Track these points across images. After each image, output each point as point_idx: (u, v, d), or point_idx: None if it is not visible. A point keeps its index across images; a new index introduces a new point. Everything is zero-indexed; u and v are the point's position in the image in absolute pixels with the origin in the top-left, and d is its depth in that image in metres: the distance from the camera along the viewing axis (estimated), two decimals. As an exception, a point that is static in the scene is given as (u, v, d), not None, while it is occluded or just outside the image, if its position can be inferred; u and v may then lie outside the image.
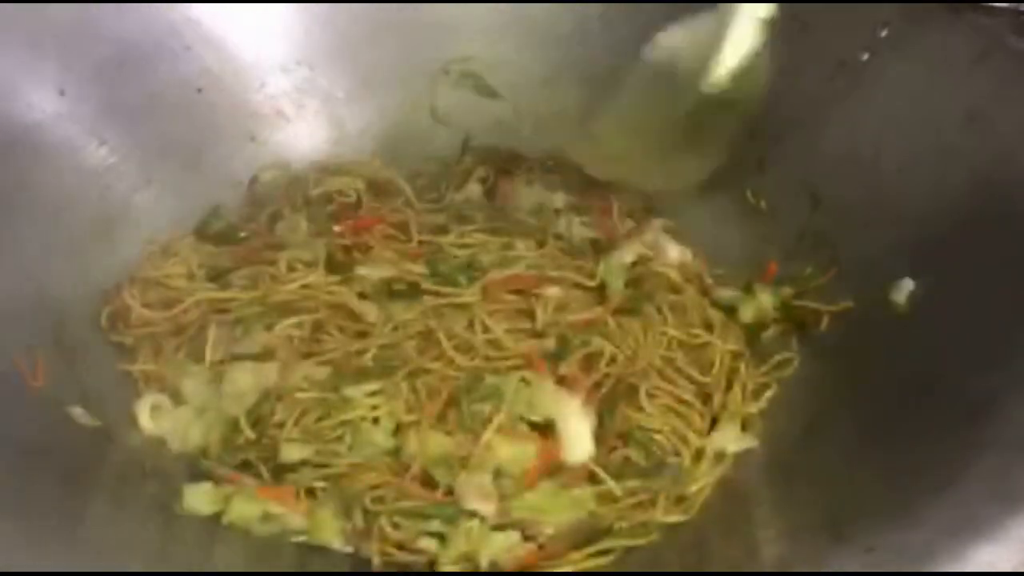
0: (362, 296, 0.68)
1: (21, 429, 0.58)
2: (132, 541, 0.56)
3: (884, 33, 0.71)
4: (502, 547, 0.57)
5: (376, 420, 0.62)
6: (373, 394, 0.62)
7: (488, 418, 0.60)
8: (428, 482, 0.60)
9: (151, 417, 0.64)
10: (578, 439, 0.60)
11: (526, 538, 0.58)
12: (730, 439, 0.62)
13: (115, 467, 0.61)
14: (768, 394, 0.65)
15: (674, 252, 0.74)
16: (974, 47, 0.66)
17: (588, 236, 0.75)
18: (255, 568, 0.58)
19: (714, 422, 0.64)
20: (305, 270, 0.70)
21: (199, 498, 0.59)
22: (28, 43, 0.72)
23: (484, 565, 0.57)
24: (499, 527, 0.58)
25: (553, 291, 0.69)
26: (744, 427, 0.63)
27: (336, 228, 0.74)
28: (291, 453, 0.61)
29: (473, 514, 0.58)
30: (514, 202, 0.78)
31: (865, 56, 0.71)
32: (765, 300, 0.69)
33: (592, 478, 0.60)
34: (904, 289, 0.62)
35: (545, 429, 0.61)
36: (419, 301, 0.68)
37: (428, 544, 0.58)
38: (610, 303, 0.68)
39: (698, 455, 0.62)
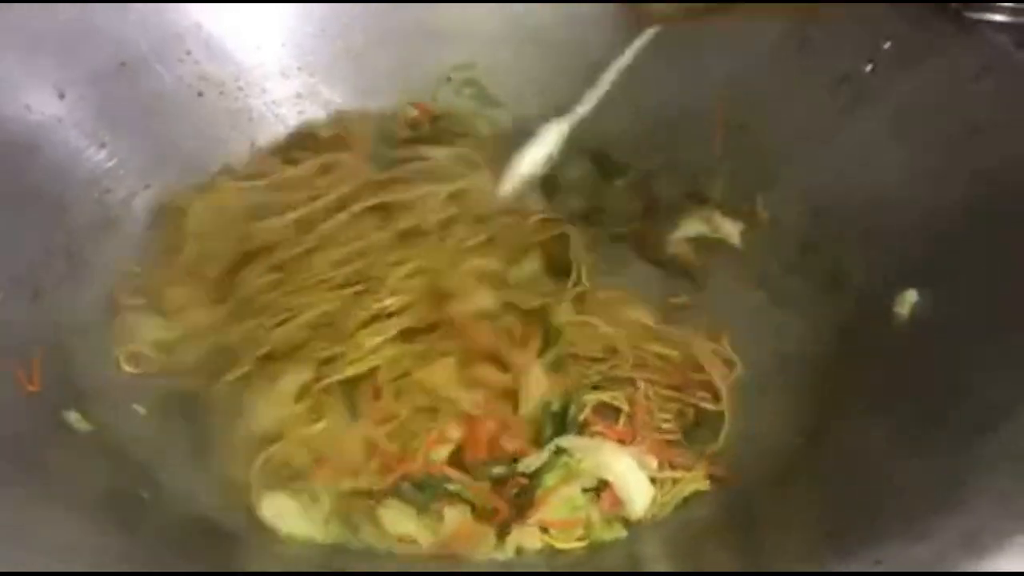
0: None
1: (16, 433, 0.57)
2: (129, 546, 0.55)
3: (887, 46, 0.71)
4: None
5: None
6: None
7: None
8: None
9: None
10: (636, 489, 0.60)
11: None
12: None
13: (106, 474, 0.60)
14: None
15: (731, 228, 0.75)
16: (977, 61, 0.66)
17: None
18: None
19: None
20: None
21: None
22: (28, 45, 0.72)
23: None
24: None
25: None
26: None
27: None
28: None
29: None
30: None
31: (868, 68, 0.71)
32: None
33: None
34: (908, 301, 0.62)
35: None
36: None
37: None
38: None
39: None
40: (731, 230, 0.75)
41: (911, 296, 0.62)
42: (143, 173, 0.75)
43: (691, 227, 0.76)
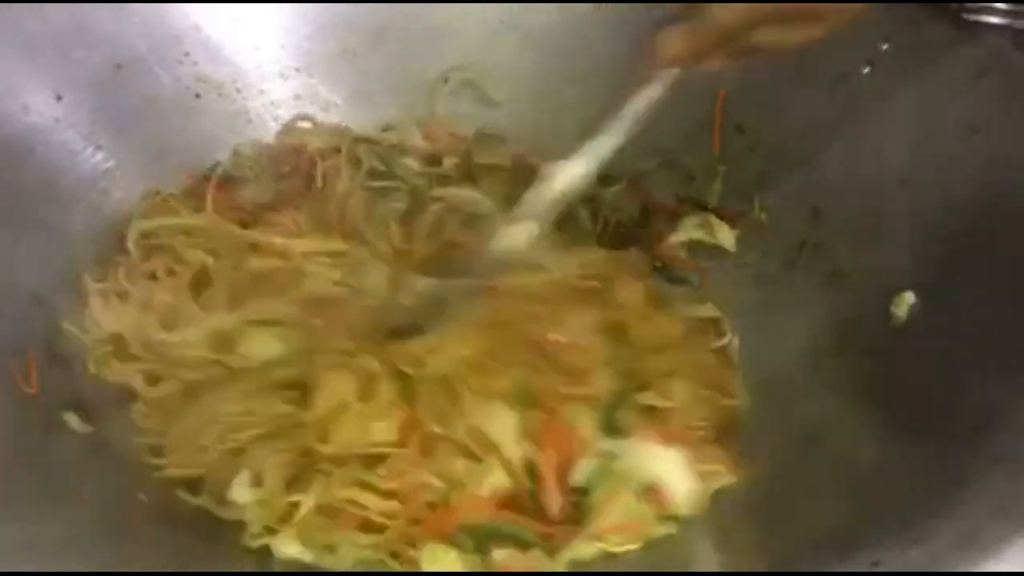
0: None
1: (14, 436, 0.57)
2: (126, 549, 0.55)
3: (885, 47, 0.71)
4: None
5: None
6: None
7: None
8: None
9: None
10: (683, 486, 0.59)
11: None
12: None
13: (108, 476, 0.60)
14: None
15: (727, 233, 0.74)
16: (976, 61, 0.66)
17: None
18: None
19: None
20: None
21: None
22: (25, 46, 0.72)
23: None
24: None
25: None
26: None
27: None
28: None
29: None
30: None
31: (866, 69, 0.71)
32: None
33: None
34: (905, 302, 0.62)
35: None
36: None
37: None
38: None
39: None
40: (727, 236, 0.75)
41: (908, 298, 0.62)
42: (141, 175, 0.75)
43: (688, 232, 0.76)
